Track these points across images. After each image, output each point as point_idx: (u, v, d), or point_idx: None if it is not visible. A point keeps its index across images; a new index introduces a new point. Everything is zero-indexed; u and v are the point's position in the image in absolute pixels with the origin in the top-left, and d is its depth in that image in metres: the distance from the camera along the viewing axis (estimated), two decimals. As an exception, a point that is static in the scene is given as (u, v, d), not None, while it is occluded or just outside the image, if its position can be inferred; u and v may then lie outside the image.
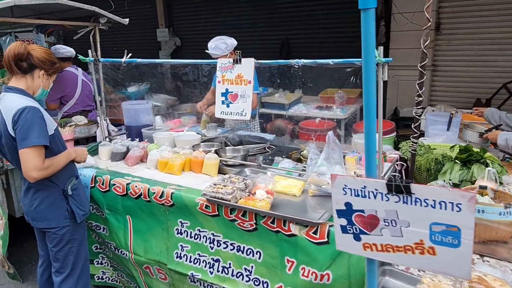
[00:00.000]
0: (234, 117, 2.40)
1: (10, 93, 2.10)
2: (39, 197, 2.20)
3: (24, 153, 1.97)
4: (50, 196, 2.21)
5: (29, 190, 2.21)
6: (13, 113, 1.98)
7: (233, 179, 2.24)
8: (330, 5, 6.50)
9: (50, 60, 2.19)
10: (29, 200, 2.22)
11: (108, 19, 3.69)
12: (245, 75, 2.32)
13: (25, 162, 1.98)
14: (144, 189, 2.41)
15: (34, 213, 2.23)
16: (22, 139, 1.97)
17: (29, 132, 1.96)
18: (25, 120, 1.97)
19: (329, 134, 2.25)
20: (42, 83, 2.18)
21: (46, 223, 2.24)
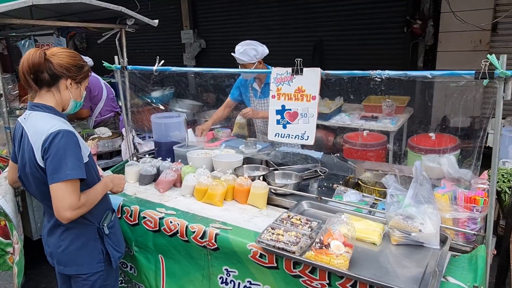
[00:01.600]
0: (293, 141, 1.95)
1: (38, 112, 1.70)
2: (68, 237, 1.78)
3: (57, 189, 1.58)
4: (82, 236, 1.80)
5: (56, 228, 1.80)
6: (43, 139, 1.60)
7: (294, 220, 1.79)
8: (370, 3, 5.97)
9: (76, 64, 1.76)
10: (55, 240, 1.81)
11: (135, 20, 3.30)
12: (308, 88, 1.87)
13: (58, 199, 1.59)
14: (181, 227, 1.99)
15: (61, 255, 1.81)
16: (55, 172, 1.58)
17: (63, 162, 1.58)
18: (58, 148, 1.59)
19: (416, 165, 1.77)
20: (72, 94, 1.77)
21: (75, 268, 1.81)
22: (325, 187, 2.41)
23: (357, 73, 1.74)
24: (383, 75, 1.65)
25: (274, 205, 2.23)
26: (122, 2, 3.58)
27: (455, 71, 1.53)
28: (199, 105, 6.36)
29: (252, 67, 3.14)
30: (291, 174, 2.41)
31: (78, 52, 1.89)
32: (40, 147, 1.60)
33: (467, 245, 1.70)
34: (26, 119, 1.71)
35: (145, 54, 9.50)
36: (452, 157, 2.44)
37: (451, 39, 5.27)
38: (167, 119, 2.94)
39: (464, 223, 1.72)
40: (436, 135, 3.50)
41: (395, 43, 5.96)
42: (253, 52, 3.18)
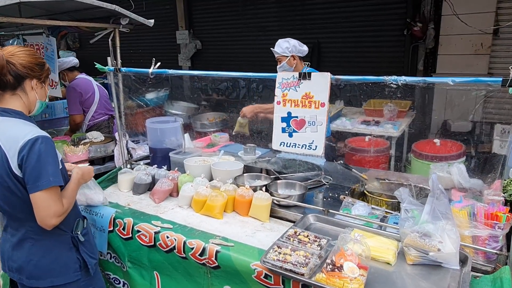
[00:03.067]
0: (299, 151, 1.82)
1: (7, 118, 1.59)
2: (40, 250, 1.68)
3: (41, 197, 1.51)
4: (55, 247, 1.70)
5: (25, 242, 1.67)
6: (20, 146, 1.50)
7: (302, 237, 1.66)
8: (369, 5, 5.87)
9: (39, 63, 1.67)
10: (25, 254, 1.68)
11: (130, 20, 3.14)
12: (316, 94, 1.74)
13: (43, 208, 1.52)
14: (179, 242, 1.85)
15: (33, 269, 1.68)
16: (37, 179, 1.50)
17: (43, 169, 1.51)
18: (39, 155, 1.51)
19: (433, 178, 1.65)
20: (37, 94, 1.69)
21: (50, 280, 1.69)
22: (331, 198, 2.29)
23: (370, 78, 1.61)
24: (399, 81, 1.53)
25: (277, 218, 2.10)
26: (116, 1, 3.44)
27: (480, 78, 1.40)
28: (194, 107, 6.22)
29: (285, 61, 3.21)
30: (295, 184, 2.28)
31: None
32: (16, 155, 1.50)
33: (488, 265, 1.58)
34: None
35: (140, 54, 9.32)
36: (462, 166, 2.32)
37: (452, 42, 5.18)
38: (162, 124, 2.79)
39: (485, 241, 1.60)
40: (441, 141, 3.39)
41: (394, 45, 5.86)
42: (285, 44, 3.26)
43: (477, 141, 4.42)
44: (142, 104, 5.55)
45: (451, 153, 3.20)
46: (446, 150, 3.22)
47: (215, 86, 6.73)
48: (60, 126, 4.49)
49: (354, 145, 3.71)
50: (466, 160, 3.28)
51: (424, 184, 2.32)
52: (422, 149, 3.36)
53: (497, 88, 1.38)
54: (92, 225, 2.19)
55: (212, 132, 4.18)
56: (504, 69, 5.21)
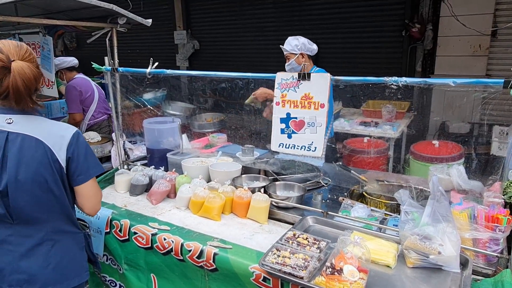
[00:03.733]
0: (298, 152, 1.80)
1: (31, 115, 1.55)
2: (59, 252, 1.60)
3: (91, 185, 1.63)
4: (72, 247, 1.67)
5: (40, 246, 1.57)
6: (68, 139, 1.54)
7: (301, 239, 1.64)
8: (368, 6, 5.87)
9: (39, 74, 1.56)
10: (40, 260, 1.57)
11: (127, 19, 3.12)
12: (316, 95, 1.72)
13: (93, 195, 1.65)
14: (176, 244, 1.82)
15: (51, 274, 1.58)
16: (87, 169, 1.60)
17: (92, 159, 1.63)
18: (86, 147, 1.60)
19: (434, 180, 1.63)
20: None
21: (66, 284, 1.62)
22: (330, 200, 2.27)
23: (371, 79, 1.60)
24: (400, 82, 1.51)
25: (276, 220, 2.08)
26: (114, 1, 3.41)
27: (482, 79, 1.39)
28: (192, 108, 6.19)
29: (293, 58, 3.22)
30: (294, 186, 2.26)
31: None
32: (66, 148, 1.53)
33: (489, 268, 1.57)
34: (13, 123, 1.50)
35: (137, 54, 9.28)
36: (462, 168, 2.32)
37: (450, 43, 5.18)
38: (160, 125, 2.76)
39: (486, 243, 1.58)
40: (440, 143, 3.39)
41: (393, 46, 5.86)
42: (294, 41, 3.23)
43: (475, 143, 4.42)
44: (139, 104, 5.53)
45: (449, 155, 3.19)
46: (445, 152, 3.21)
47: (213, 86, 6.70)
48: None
49: (353, 146, 3.69)
50: (465, 162, 3.27)
51: (424, 186, 2.30)
52: (420, 150, 3.35)
53: (498, 89, 1.36)
54: (88, 227, 2.16)
55: (210, 133, 4.15)
56: (502, 70, 5.22)
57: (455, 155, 3.21)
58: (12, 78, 1.42)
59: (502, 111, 4.36)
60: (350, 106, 4.97)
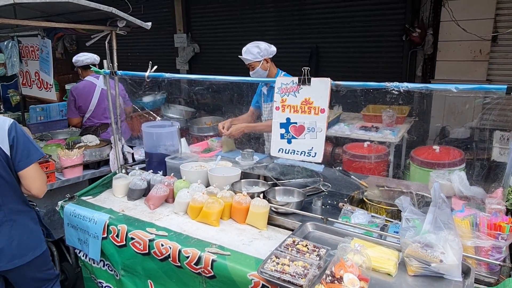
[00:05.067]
0: (298, 158, 1.78)
1: None
2: (19, 229, 1.86)
3: (35, 169, 1.83)
4: (29, 223, 1.92)
5: (2, 226, 1.81)
6: (7, 129, 1.74)
7: (300, 246, 1.61)
8: (368, 10, 5.86)
9: None
10: (5, 237, 1.81)
11: (127, 22, 3.11)
12: (316, 100, 1.70)
13: (38, 178, 1.85)
14: (174, 250, 1.80)
15: (16, 248, 1.84)
16: (28, 155, 1.80)
17: (32, 145, 1.83)
18: (24, 135, 1.80)
19: (435, 186, 1.61)
20: None
21: (30, 254, 1.89)
22: (329, 205, 2.24)
23: (372, 84, 1.58)
24: (401, 87, 1.49)
25: (275, 225, 2.06)
26: (114, 4, 3.40)
27: (485, 85, 1.37)
28: (191, 111, 6.18)
29: (258, 66, 3.09)
30: (293, 191, 2.23)
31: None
32: (7, 137, 1.72)
33: (491, 277, 1.54)
34: None
35: (137, 57, 9.28)
36: (463, 174, 2.29)
37: (450, 48, 5.17)
38: (159, 129, 2.74)
39: (488, 252, 1.56)
40: (440, 148, 3.36)
41: (393, 51, 5.85)
42: (255, 49, 3.13)
43: (476, 148, 4.40)
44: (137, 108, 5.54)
45: (450, 160, 3.16)
46: (446, 157, 3.18)
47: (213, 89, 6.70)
48: (55, 128, 4.44)
49: (353, 151, 3.67)
50: (466, 168, 3.25)
51: (425, 192, 2.28)
52: (421, 155, 3.32)
53: (501, 95, 1.34)
54: (85, 232, 2.14)
55: (210, 137, 4.14)
56: (502, 75, 5.20)
57: (456, 161, 3.18)
58: None
59: (503, 116, 4.34)
60: (350, 110, 4.95)
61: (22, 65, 3.29)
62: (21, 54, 3.26)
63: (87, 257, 2.22)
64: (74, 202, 2.33)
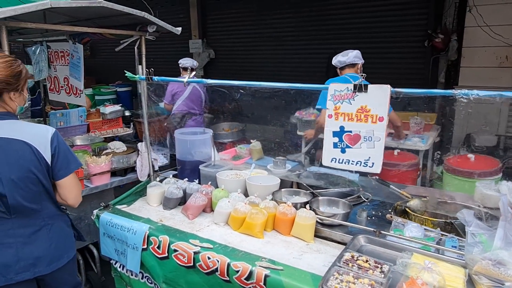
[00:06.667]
0: (353, 168, 1.70)
1: (11, 120, 1.73)
2: (56, 232, 1.85)
3: (72, 179, 1.82)
4: (64, 226, 1.92)
5: (40, 231, 1.79)
6: (50, 138, 1.73)
7: (361, 262, 1.53)
8: (389, 16, 5.79)
9: (15, 74, 1.69)
10: (43, 242, 1.79)
11: (157, 27, 3.06)
12: (374, 108, 1.62)
13: (75, 188, 1.84)
14: (222, 264, 1.72)
15: (54, 251, 1.82)
16: (68, 164, 1.79)
17: (71, 155, 1.82)
18: (64, 144, 1.79)
19: (503, 200, 1.53)
20: (17, 102, 1.76)
21: (66, 256, 1.88)
22: (375, 217, 2.16)
23: (436, 92, 1.50)
24: (471, 95, 1.41)
25: (321, 237, 1.97)
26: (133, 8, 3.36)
27: None
28: (209, 117, 6.12)
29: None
30: (338, 202, 2.15)
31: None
32: (49, 146, 1.70)
33: None
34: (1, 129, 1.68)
35: (151, 63, 9.24)
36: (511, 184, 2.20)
37: (475, 54, 5.08)
38: (192, 136, 2.67)
39: None
40: (476, 157, 3.27)
41: (414, 57, 5.76)
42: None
43: (504, 156, 4.29)
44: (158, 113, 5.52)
45: (488, 169, 3.06)
46: (483, 166, 3.08)
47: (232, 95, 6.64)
48: (75, 134, 4.39)
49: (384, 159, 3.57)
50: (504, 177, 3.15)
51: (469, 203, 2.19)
52: (456, 164, 3.22)
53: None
54: (123, 242, 2.07)
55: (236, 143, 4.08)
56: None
57: (493, 170, 3.09)
58: None
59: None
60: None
61: (51, 70, 3.25)
62: (49, 60, 3.22)
63: (123, 268, 2.15)
64: (110, 211, 2.26)
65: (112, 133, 4.54)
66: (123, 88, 8.37)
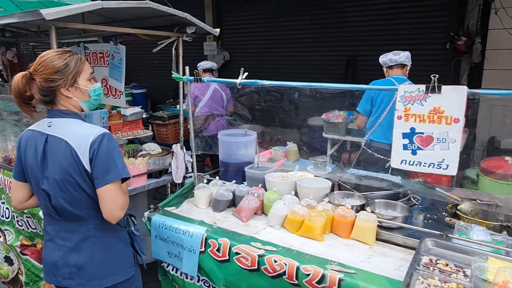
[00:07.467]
0: (425, 170, 1.68)
1: (67, 119, 1.63)
2: (102, 248, 1.67)
3: (109, 190, 1.56)
4: (115, 243, 1.73)
5: (85, 241, 1.65)
6: (90, 141, 1.54)
7: (441, 266, 1.50)
8: (410, 18, 5.79)
9: (58, 69, 1.57)
10: (85, 254, 1.65)
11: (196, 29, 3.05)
12: (448, 109, 1.60)
13: (111, 201, 1.57)
14: (290, 267, 1.69)
15: (96, 268, 1.66)
16: (106, 173, 1.55)
17: (113, 163, 1.57)
18: (108, 149, 1.56)
19: None
20: (76, 97, 1.64)
21: (112, 278, 1.68)
22: (431, 219, 2.13)
23: None
24: None
25: (381, 240, 1.94)
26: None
27: None
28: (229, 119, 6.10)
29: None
30: (395, 205, 2.13)
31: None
32: (88, 150, 1.54)
33: None
34: (52, 126, 1.60)
35: (164, 65, 9.25)
36: None
37: (499, 57, 5.06)
38: (236, 137, 2.65)
39: None
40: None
41: (435, 59, 5.74)
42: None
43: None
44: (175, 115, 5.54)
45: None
46: (522, 169, 3.06)
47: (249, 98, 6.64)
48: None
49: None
50: None
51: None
52: (493, 166, 3.20)
53: None
54: (178, 245, 2.05)
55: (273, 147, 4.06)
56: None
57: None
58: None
59: None
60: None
61: (87, 71, 3.24)
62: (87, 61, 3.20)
63: (177, 271, 2.12)
64: (160, 213, 2.24)
65: (133, 135, 4.53)
66: (138, 90, 8.37)
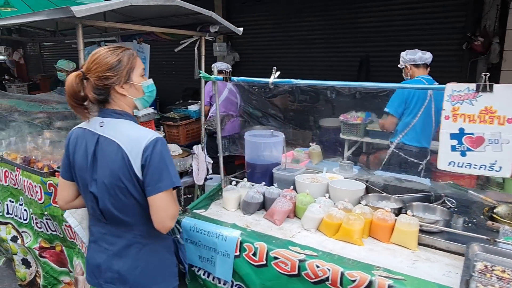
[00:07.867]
0: (476, 172, 1.61)
1: (120, 119, 1.55)
2: (146, 255, 1.61)
3: (161, 198, 1.47)
4: (161, 251, 1.67)
5: (130, 248, 1.60)
6: (143, 146, 1.45)
7: (498, 272, 1.44)
8: (425, 18, 5.72)
9: (112, 66, 1.50)
10: (130, 261, 1.60)
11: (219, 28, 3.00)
12: (501, 109, 1.54)
13: (162, 210, 1.48)
14: (334, 273, 1.63)
15: (139, 277, 1.60)
16: (158, 181, 1.46)
17: (166, 170, 1.48)
18: (161, 156, 1.47)
19: None
20: (130, 95, 1.57)
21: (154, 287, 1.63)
22: (471, 223, 2.07)
23: None
24: None
25: (422, 245, 1.88)
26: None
27: None
28: (242, 120, 6.04)
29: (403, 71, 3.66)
30: (435, 208, 2.06)
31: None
32: (140, 155, 1.46)
33: None
34: (104, 126, 1.53)
35: (172, 66, 9.22)
36: None
37: (517, 57, 5.00)
38: (264, 138, 2.59)
39: None
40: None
41: (451, 60, 5.68)
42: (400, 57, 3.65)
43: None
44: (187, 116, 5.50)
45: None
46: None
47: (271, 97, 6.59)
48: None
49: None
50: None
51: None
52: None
53: None
54: (211, 249, 1.99)
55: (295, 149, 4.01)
56: None
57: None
58: None
59: None
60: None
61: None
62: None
63: (209, 276, 2.06)
64: (190, 216, 2.18)
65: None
66: (147, 91, 8.30)
